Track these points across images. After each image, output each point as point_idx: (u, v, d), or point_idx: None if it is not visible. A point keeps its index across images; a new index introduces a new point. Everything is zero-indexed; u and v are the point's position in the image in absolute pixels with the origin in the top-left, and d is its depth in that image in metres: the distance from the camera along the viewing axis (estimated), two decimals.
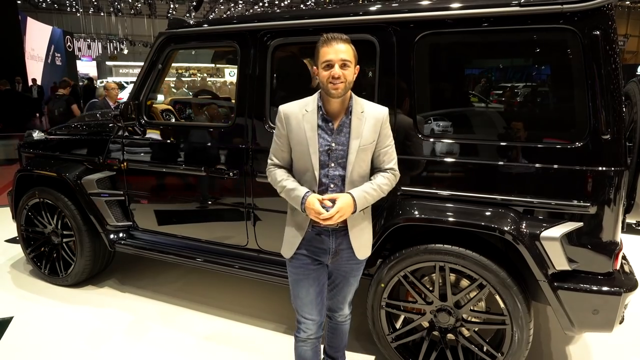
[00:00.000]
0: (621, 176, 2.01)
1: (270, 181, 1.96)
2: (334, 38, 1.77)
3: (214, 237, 3.03)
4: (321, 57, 1.78)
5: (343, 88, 1.77)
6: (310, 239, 1.93)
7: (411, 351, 2.49)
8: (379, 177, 1.91)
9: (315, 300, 1.98)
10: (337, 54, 1.75)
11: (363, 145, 1.84)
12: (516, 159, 2.16)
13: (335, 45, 1.76)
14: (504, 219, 2.12)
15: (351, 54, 1.79)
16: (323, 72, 1.78)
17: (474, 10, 2.14)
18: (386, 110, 1.91)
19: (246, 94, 2.72)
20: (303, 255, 1.95)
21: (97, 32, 30.70)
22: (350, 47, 1.80)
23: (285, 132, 1.88)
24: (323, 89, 1.82)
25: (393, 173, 1.94)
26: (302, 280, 1.96)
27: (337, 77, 1.74)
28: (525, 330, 2.18)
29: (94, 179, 3.23)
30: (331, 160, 1.85)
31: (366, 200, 1.85)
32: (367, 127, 1.85)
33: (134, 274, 3.83)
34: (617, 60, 1.98)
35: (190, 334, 2.97)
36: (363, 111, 1.86)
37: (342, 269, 2.02)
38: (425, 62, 2.34)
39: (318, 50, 1.80)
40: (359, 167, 1.86)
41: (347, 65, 1.77)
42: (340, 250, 1.94)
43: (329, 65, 1.76)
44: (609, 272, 2.11)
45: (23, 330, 3.01)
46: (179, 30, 2.94)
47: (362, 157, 1.86)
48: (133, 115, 3.05)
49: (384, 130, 1.90)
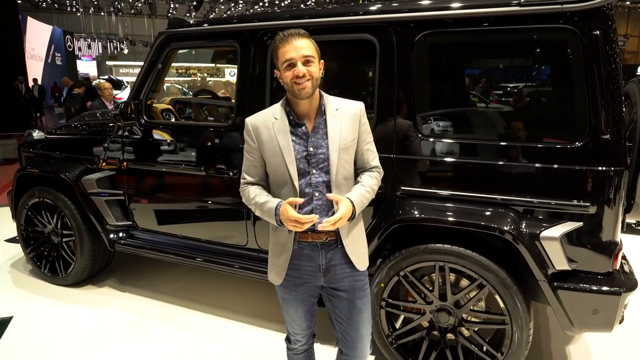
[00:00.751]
0: (621, 176, 2.01)
1: (245, 201, 1.81)
2: (291, 35, 1.62)
3: (214, 236, 3.03)
4: (281, 58, 1.63)
5: (310, 86, 1.62)
6: (297, 257, 1.75)
7: (411, 351, 2.49)
8: (366, 177, 1.76)
9: (305, 317, 1.85)
10: (297, 50, 1.60)
11: (344, 145, 1.69)
12: (516, 158, 2.16)
13: (294, 42, 1.61)
14: (503, 218, 2.12)
15: (313, 49, 1.64)
16: (286, 73, 1.63)
17: (474, 10, 2.14)
18: (361, 105, 1.76)
19: (246, 94, 2.72)
20: (291, 277, 1.78)
21: (98, 32, 30.72)
22: (311, 42, 1.65)
23: (256, 145, 1.73)
24: (289, 91, 1.66)
25: (379, 171, 1.81)
26: (290, 300, 1.82)
27: (301, 76, 1.60)
28: (525, 330, 2.18)
29: (93, 178, 3.23)
30: (312, 167, 1.68)
31: (362, 204, 1.70)
32: (345, 124, 1.70)
33: (134, 273, 3.83)
34: (617, 60, 1.97)
35: (190, 333, 2.97)
36: (338, 109, 1.72)
37: (342, 290, 1.78)
38: (425, 61, 2.33)
39: (276, 51, 1.64)
40: (343, 170, 1.70)
41: (310, 62, 1.62)
42: (332, 266, 1.75)
43: (290, 64, 1.61)
44: (609, 272, 2.11)
45: (23, 330, 3.01)
46: (179, 30, 2.94)
47: (345, 158, 1.70)
48: (133, 115, 3.05)
49: (362, 125, 1.75)
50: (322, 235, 1.71)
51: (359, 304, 1.79)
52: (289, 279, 1.78)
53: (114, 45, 30.85)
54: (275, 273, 1.79)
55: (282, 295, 1.84)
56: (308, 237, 1.72)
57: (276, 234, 1.78)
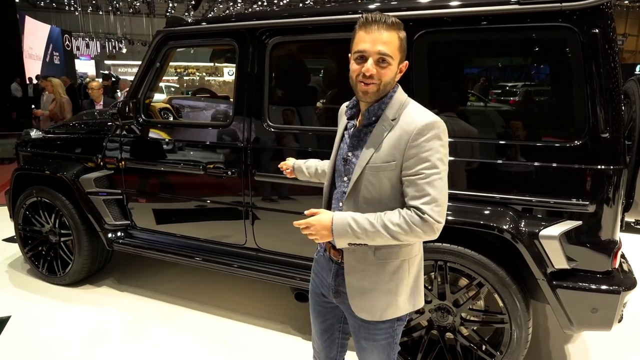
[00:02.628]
0: (620, 175, 2.01)
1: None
2: (376, 21, 1.32)
3: (213, 236, 3.02)
4: (355, 44, 1.36)
5: (374, 91, 1.35)
6: (320, 265, 1.62)
7: (410, 350, 2.48)
8: (394, 212, 1.34)
9: (321, 336, 1.69)
10: (374, 43, 1.31)
11: (374, 164, 1.36)
12: (515, 157, 2.16)
13: (375, 31, 1.31)
14: (503, 217, 2.12)
15: (395, 46, 1.33)
16: (354, 65, 1.36)
17: (473, 9, 2.13)
18: (426, 122, 1.32)
19: (244, 93, 2.71)
20: (313, 282, 1.66)
21: (96, 31, 30.64)
22: (397, 37, 1.34)
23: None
24: (352, 85, 1.41)
25: (418, 214, 1.29)
26: (310, 306, 1.69)
27: (368, 76, 1.33)
28: (523, 329, 2.18)
29: (92, 177, 3.22)
30: (344, 174, 1.46)
31: (351, 229, 1.32)
32: (389, 139, 1.36)
33: (132, 273, 3.82)
34: (616, 59, 1.97)
35: (189, 333, 2.97)
36: (395, 118, 1.37)
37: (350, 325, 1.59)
38: (423, 60, 2.33)
39: (354, 34, 1.38)
40: (367, 192, 1.38)
41: (386, 62, 1.33)
42: (341, 292, 1.52)
43: (361, 56, 1.34)
44: (608, 271, 2.11)
45: (20, 330, 3.00)
46: (177, 29, 2.93)
47: (372, 181, 1.37)
48: (131, 114, 3.04)
49: (413, 149, 1.31)
50: (337, 254, 1.49)
51: (364, 344, 1.55)
52: (312, 282, 1.68)
53: (112, 45, 30.76)
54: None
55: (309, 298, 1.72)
56: (329, 250, 1.54)
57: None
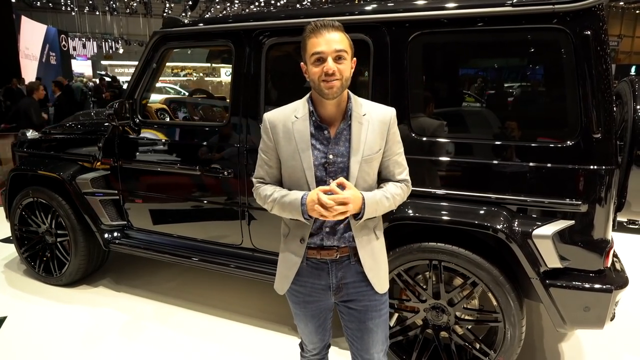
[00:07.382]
0: (612, 175, 2.03)
1: (259, 201, 1.63)
2: (324, 26, 1.45)
3: (209, 236, 3.03)
4: (309, 50, 1.46)
5: (339, 86, 1.46)
6: (305, 274, 1.62)
7: (405, 349, 2.50)
8: (391, 185, 1.58)
9: (316, 332, 1.75)
10: (329, 44, 1.43)
11: (367, 156, 1.52)
12: (509, 157, 2.18)
13: (326, 34, 1.44)
14: (497, 217, 2.14)
15: (347, 44, 1.47)
16: (313, 69, 1.46)
17: (468, 10, 2.15)
18: (393, 111, 1.58)
19: (241, 93, 2.72)
20: (300, 294, 1.66)
21: (92, 31, 30.55)
22: (345, 36, 1.48)
23: (272, 145, 1.57)
24: (315, 89, 1.50)
25: (407, 185, 1.64)
26: (300, 315, 1.72)
27: (331, 74, 1.43)
28: (517, 328, 2.20)
29: (88, 178, 3.22)
30: (329, 176, 1.52)
31: (377, 207, 1.51)
32: (372, 132, 1.53)
33: (129, 273, 3.83)
34: (608, 61, 2.00)
35: (186, 333, 2.97)
36: (365, 114, 1.54)
37: (354, 309, 1.64)
38: (419, 61, 2.35)
39: (305, 41, 1.48)
40: (363, 182, 1.54)
41: (342, 58, 1.45)
42: (344, 285, 1.61)
43: (320, 58, 1.45)
44: (600, 270, 2.13)
45: (17, 330, 3.00)
46: (174, 29, 2.94)
47: (367, 170, 1.53)
48: (127, 115, 3.05)
49: (392, 135, 1.57)
50: (332, 252, 1.57)
51: (371, 325, 1.64)
52: (298, 295, 1.67)
53: (109, 45, 30.68)
54: (280, 283, 1.68)
55: (292, 309, 1.74)
56: (317, 254, 1.58)
57: (287, 241, 1.63)
